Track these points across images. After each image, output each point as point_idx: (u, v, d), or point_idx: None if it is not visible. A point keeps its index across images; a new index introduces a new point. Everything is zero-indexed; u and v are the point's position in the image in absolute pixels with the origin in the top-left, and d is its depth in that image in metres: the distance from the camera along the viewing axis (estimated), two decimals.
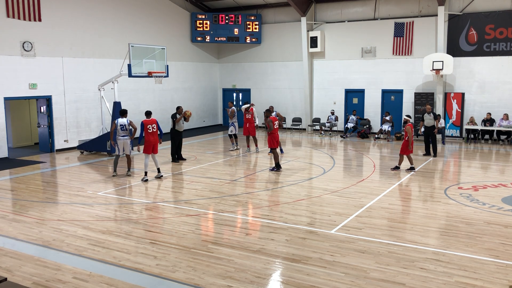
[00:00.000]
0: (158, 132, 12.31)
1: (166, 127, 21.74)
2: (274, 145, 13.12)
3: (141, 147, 12.28)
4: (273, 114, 16.97)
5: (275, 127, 13.21)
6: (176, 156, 14.85)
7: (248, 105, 16.66)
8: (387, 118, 19.65)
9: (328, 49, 21.75)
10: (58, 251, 7.22)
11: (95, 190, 11.17)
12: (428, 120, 15.22)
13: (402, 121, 11.97)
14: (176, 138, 14.80)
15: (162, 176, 12.34)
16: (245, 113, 16.26)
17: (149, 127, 12.08)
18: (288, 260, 6.74)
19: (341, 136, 20.36)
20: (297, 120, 22.60)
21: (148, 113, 12.47)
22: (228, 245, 7.36)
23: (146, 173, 12.19)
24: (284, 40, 22.84)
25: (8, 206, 9.94)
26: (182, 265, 6.57)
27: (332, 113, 21.23)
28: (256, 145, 16.40)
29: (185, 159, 15.05)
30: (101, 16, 18.24)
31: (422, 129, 15.56)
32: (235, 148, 16.74)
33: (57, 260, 6.84)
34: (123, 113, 12.67)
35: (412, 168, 12.94)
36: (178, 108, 15.02)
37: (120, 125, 12.61)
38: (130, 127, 12.61)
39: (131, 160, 12.85)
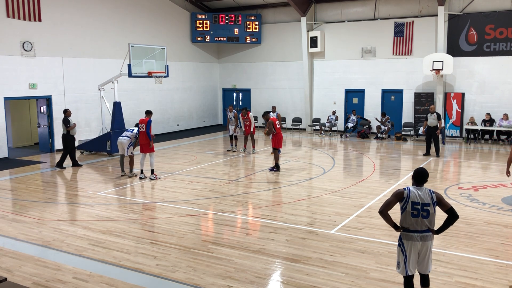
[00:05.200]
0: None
1: (166, 127, 21.84)
2: (277, 145, 13.09)
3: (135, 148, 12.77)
4: (274, 114, 16.92)
5: (278, 127, 13.19)
6: (72, 162, 14.01)
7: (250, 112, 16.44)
8: (383, 119, 19.65)
9: (328, 49, 21.75)
10: (58, 251, 7.22)
11: (95, 190, 11.16)
12: (431, 120, 15.20)
13: None
14: (69, 143, 13.81)
15: (144, 177, 12.27)
16: (243, 118, 16.10)
17: (140, 126, 12.23)
18: (288, 260, 6.74)
19: (341, 136, 20.36)
20: (297, 120, 22.60)
21: (145, 113, 12.50)
22: (228, 245, 7.36)
23: (141, 171, 12.39)
24: (284, 40, 22.84)
25: (8, 206, 9.93)
26: (182, 265, 6.57)
27: (333, 113, 21.22)
28: (253, 146, 16.34)
29: (81, 165, 14.14)
30: (101, 16, 18.24)
31: (425, 129, 15.51)
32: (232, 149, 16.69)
33: (57, 260, 6.84)
34: (137, 125, 12.70)
35: None
36: (66, 111, 13.93)
37: (128, 128, 12.87)
38: (136, 135, 12.53)
39: (128, 161, 12.78)
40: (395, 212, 5.10)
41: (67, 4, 16.92)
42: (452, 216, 4.91)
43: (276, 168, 13.06)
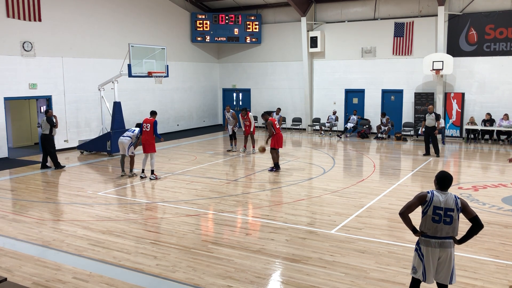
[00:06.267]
0: (153, 133, 12.20)
1: (166, 127, 21.84)
2: (276, 145, 13.07)
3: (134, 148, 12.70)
4: (277, 117, 17.35)
5: (277, 127, 13.18)
6: (42, 163, 13.75)
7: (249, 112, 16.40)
8: (384, 119, 19.67)
9: (328, 49, 21.75)
10: (58, 251, 7.22)
11: (95, 190, 11.16)
12: (430, 120, 15.22)
13: None
14: (53, 143, 13.69)
15: (144, 177, 12.32)
16: (242, 118, 16.08)
17: (144, 125, 12.18)
18: (288, 260, 6.74)
19: (337, 136, 20.35)
20: (297, 120, 22.59)
21: (150, 113, 12.55)
22: (228, 245, 7.36)
23: (142, 170, 12.44)
24: (284, 40, 22.84)
25: (8, 206, 9.93)
26: (182, 265, 6.57)
27: (334, 113, 21.22)
28: (253, 146, 16.34)
29: (50, 167, 13.81)
30: (101, 16, 18.24)
31: (423, 129, 15.54)
32: (232, 149, 16.66)
33: (57, 260, 6.84)
34: (138, 125, 12.68)
35: None
36: (48, 112, 13.69)
37: (129, 128, 12.75)
38: (137, 136, 12.51)
39: (128, 161, 12.81)
40: (416, 214, 5.02)
41: (67, 4, 16.92)
42: (476, 225, 4.64)
43: (276, 168, 13.06)
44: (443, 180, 4.75)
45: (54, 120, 13.71)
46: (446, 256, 4.69)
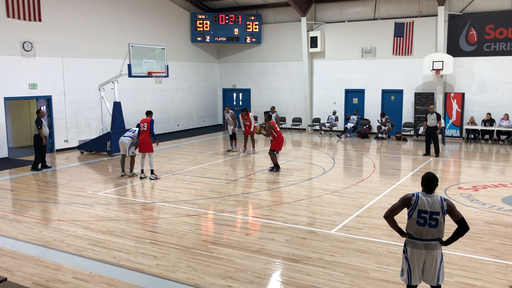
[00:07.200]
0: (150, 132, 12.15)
1: (166, 127, 21.84)
2: (276, 147, 13.05)
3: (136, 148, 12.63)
4: (273, 115, 17.60)
5: (278, 130, 13.19)
6: (41, 164, 13.62)
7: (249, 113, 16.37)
8: (383, 119, 19.66)
9: (328, 49, 21.75)
10: (58, 251, 7.22)
11: (95, 190, 11.16)
12: (431, 120, 15.22)
13: None
14: (41, 144, 13.40)
15: (144, 177, 12.29)
16: (243, 118, 16.08)
17: (141, 125, 12.17)
18: (288, 260, 6.74)
19: (337, 136, 20.36)
20: (297, 120, 22.60)
21: (146, 113, 12.53)
22: (228, 245, 7.36)
23: (142, 171, 12.41)
24: (284, 40, 22.84)
25: (8, 206, 9.94)
26: (182, 265, 6.58)
27: (334, 113, 21.22)
28: (253, 146, 16.35)
29: (50, 167, 13.90)
30: (101, 16, 18.24)
31: (424, 129, 15.53)
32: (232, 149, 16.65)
33: (57, 260, 6.84)
34: (138, 126, 12.58)
35: None
36: (39, 112, 13.53)
37: (130, 128, 12.75)
38: (137, 135, 12.47)
39: (128, 161, 12.80)
40: (402, 216, 5.03)
41: (67, 4, 16.92)
42: (462, 228, 4.64)
43: (276, 168, 13.06)
44: (428, 182, 4.70)
45: (43, 121, 13.47)
46: (432, 257, 4.66)
